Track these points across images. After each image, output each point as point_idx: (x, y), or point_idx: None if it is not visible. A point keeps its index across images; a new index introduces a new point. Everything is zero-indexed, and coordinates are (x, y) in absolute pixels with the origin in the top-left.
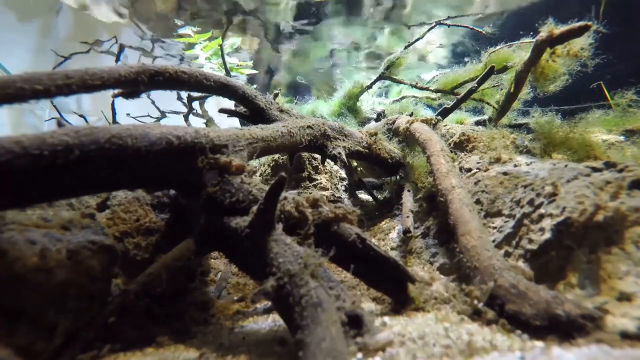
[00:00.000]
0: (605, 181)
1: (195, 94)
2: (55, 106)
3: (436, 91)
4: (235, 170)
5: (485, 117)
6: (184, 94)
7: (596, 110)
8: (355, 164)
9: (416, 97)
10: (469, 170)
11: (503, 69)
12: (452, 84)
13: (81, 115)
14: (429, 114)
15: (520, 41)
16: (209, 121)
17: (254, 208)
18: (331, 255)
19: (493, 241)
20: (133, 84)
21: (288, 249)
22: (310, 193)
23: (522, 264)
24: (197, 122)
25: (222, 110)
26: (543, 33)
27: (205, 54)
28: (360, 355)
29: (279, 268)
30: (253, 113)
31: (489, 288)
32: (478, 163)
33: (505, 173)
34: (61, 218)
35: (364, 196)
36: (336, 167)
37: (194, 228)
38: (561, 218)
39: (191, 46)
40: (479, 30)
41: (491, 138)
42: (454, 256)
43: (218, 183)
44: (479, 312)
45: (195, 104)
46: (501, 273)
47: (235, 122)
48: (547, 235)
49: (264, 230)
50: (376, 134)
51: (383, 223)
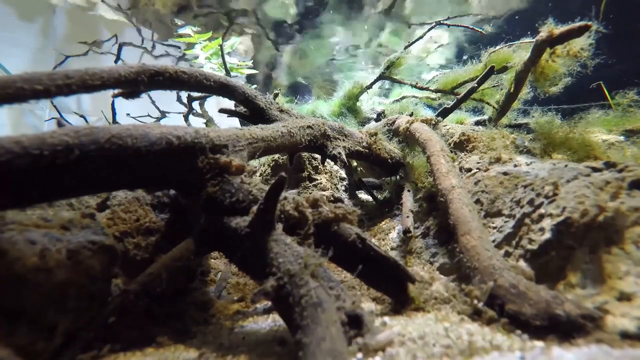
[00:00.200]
0: (605, 181)
1: (195, 94)
2: (55, 106)
3: (436, 91)
4: (235, 170)
5: (485, 117)
6: (184, 95)
7: (596, 110)
8: (355, 164)
9: (416, 97)
10: (469, 170)
11: (503, 69)
12: (452, 84)
13: (81, 115)
14: (429, 114)
15: (520, 41)
16: (209, 121)
17: (254, 208)
18: (331, 255)
19: (493, 241)
20: (133, 84)
21: (288, 249)
22: (310, 193)
23: (522, 264)
24: (197, 122)
25: (222, 110)
26: (543, 33)
27: (205, 54)
28: (360, 355)
29: (279, 268)
30: (253, 113)
31: (489, 288)
32: (478, 163)
33: (505, 173)
34: (61, 218)
35: (364, 196)
36: (336, 167)
37: (194, 228)
38: (561, 218)
39: (191, 46)
40: (479, 30)
41: (491, 138)
42: (454, 256)
43: (218, 183)
44: (479, 312)
45: (195, 104)
46: (501, 273)
47: (235, 122)
48: (547, 235)
49: (264, 230)
50: (376, 134)
51: (383, 223)
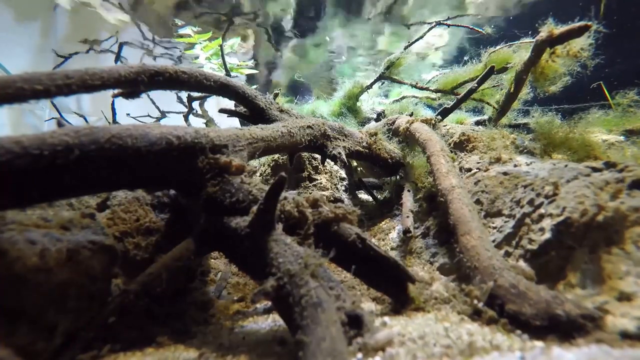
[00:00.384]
0: (605, 181)
1: (195, 94)
2: (55, 106)
3: (436, 91)
4: (235, 170)
5: (485, 117)
6: (184, 95)
7: (596, 110)
8: (355, 164)
9: (416, 97)
10: (469, 170)
11: (503, 69)
12: (452, 84)
13: (81, 115)
14: (429, 114)
15: (520, 41)
16: (209, 121)
17: (254, 208)
18: (331, 255)
19: (493, 241)
20: (133, 84)
21: (288, 249)
22: (310, 193)
23: (522, 264)
24: (197, 122)
25: (222, 110)
26: (543, 33)
27: (205, 54)
28: (360, 355)
29: (279, 268)
30: (253, 113)
31: (489, 288)
32: (478, 163)
33: (505, 173)
34: (61, 218)
35: (364, 196)
36: (336, 167)
37: (194, 228)
38: (561, 218)
39: (191, 46)
40: (479, 30)
41: (491, 138)
42: (454, 256)
43: (218, 183)
44: (479, 312)
45: (195, 104)
46: (501, 273)
47: (235, 122)
48: (547, 235)
49: (264, 230)
50: (376, 134)
51: (383, 223)
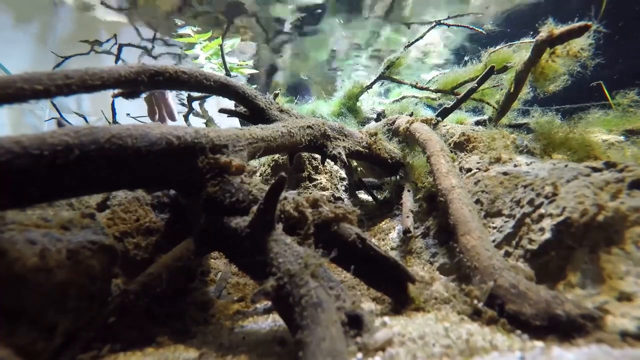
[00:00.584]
0: (605, 181)
1: (195, 94)
2: (55, 106)
3: (436, 91)
4: (235, 170)
5: (485, 117)
6: (184, 94)
7: (596, 110)
8: (355, 164)
9: (416, 97)
10: (469, 170)
11: (503, 69)
12: (452, 84)
13: (81, 115)
14: (429, 114)
15: (520, 41)
16: (209, 121)
17: (254, 208)
18: (331, 255)
19: (493, 241)
20: (133, 84)
21: (288, 249)
22: (310, 193)
23: (522, 264)
24: (197, 122)
25: (222, 110)
26: (543, 33)
27: (205, 54)
28: (360, 355)
29: (279, 268)
30: (253, 113)
31: (489, 288)
32: (478, 163)
33: (505, 173)
34: (61, 218)
35: (364, 196)
36: (336, 167)
37: (194, 228)
38: (561, 218)
39: (191, 46)
40: (479, 30)
41: (491, 138)
42: (454, 256)
43: (218, 183)
44: (479, 312)
45: (195, 104)
46: (501, 273)
47: (235, 122)
48: (547, 235)
49: (264, 230)
50: (376, 134)
51: (383, 223)
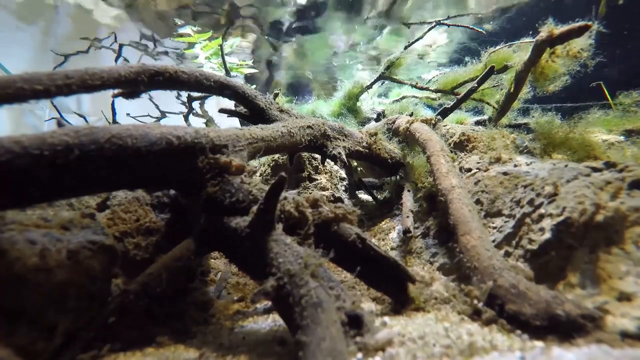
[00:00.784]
0: (605, 181)
1: (195, 94)
2: (55, 106)
3: (436, 91)
4: (235, 170)
5: (485, 117)
6: (184, 95)
7: (596, 110)
8: (355, 164)
9: (416, 97)
10: (469, 170)
11: (503, 69)
12: (452, 84)
13: (81, 115)
14: (429, 114)
15: (520, 41)
16: (209, 121)
17: (254, 208)
18: (331, 255)
19: (493, 241)
20: (133, 84)
21: (288, 249)
22: (310, 193)
23: (522, 264)
24: (197, 122)
25: (222, 110)
26: (543, 33)
27: (205, 54)
28: (360, 355)
29: (279, 268)
30: (253, 113)
31: (488, 288)
32: (478, 163)
33: (505, 173)
34: (61, 218)
35: (364, 196)
36: (336, 167)
37: (194, 228)
38: (561, 218)
39: (191, 46)
40: (479, 30)
41: (491, 138)
42: (454, 256)
43: (218, 183)
44: (479, 312)
45: (195, 104)
46: (501, 273)
47: (235, 122)
48: (547, 235)
49: (264, 230)
50: (376, 134)
51: (383, 223)
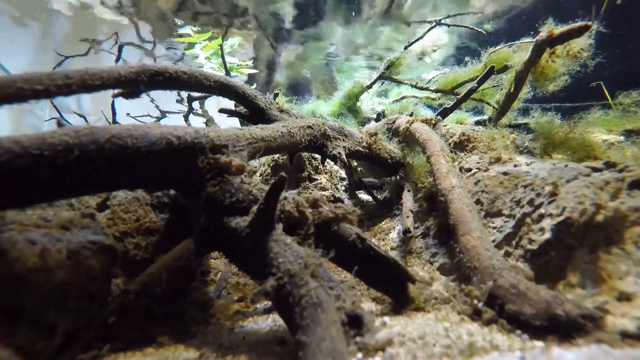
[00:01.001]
0: (605, 181)
1: (195, 94)
2: (55, 106)
3: (436, 91)
4: (235, 170)
5: (485, 117)
6: (184, 95)
7: (596, 110)
8: (355, 164)
9: (416, 97)
10: (469, 170)
11: (503, 69)
12: (452, 84)
13: (81, 115)
14: (429, 114)
15: (520, 41)
16: (209, 121)
17: (254, 208)
18: (332, 255)
19: (493, 241)
20: (133, 84)
21: (288, 249)
22: (310, 193)
23: (522, 264)
24: (197, 122)
25: (222, 110)
26: (543, 33)
27: (205, 54)
28: (360, 355)
29: (279, 268)
30: (253, 113)
31: (488, 288)
32: (478, 163)
33: (505, 173)
34: (61, 218)
35: (364, 196)
36: (336, 167)
37: (194, 228)
38: (561, 218)
39: (191, 46)
40: (479, 30)
41: (491, 138)
42: (454, 256)
43: (218, 183)
44: (479, 312)
45: (195, 104)
46: (501, 273)
47: (235, 122)
48: (547, 235)
49: (264, 230)
50: (376, 134)
51: (383, 223)
